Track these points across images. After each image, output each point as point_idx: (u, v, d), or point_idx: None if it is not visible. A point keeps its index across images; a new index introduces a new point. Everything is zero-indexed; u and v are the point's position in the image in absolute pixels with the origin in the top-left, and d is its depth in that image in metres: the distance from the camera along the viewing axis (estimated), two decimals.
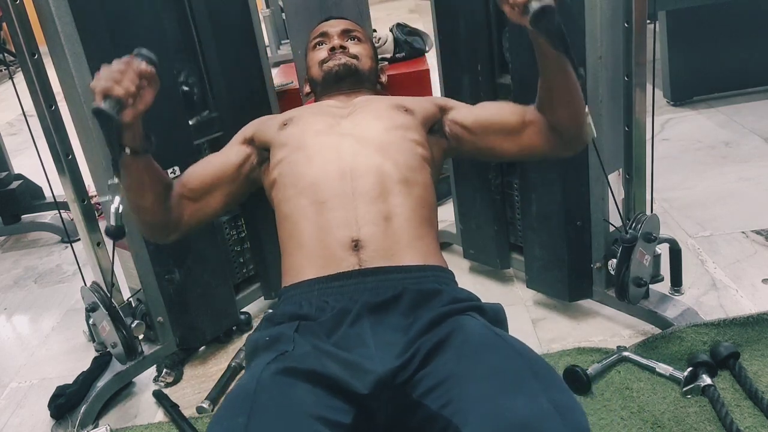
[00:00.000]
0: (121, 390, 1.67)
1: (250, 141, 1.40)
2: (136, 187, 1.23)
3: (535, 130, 1.29)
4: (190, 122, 1.68)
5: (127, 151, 1.16)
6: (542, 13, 1.02)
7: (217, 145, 1.64)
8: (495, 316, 1.13)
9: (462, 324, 1.05)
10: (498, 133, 1.34)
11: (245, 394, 0.97)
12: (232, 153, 1.39)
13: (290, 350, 1.04)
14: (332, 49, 1.47)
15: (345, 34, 1.51)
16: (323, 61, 1.47)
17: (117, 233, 1.21)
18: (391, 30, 2.31)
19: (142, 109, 1.13)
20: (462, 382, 0.95)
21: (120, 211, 1.20)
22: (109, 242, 1.59)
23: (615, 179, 1.55)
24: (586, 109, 1.22)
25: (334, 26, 1.53)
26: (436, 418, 0.96)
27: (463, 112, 1.39)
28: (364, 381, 1.00)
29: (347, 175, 1.22)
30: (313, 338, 1.07)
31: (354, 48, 1.49)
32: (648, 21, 1.46)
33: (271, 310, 1.20)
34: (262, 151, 1.38)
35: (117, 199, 1.20)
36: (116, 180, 1.20)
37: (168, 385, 1.68)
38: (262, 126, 1.40)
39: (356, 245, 1.15)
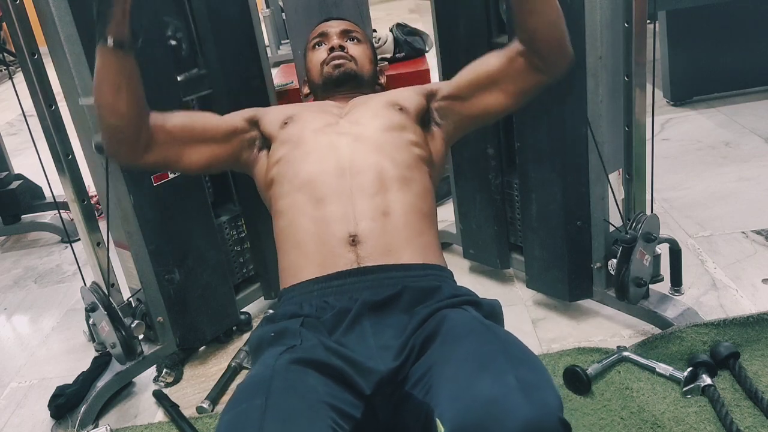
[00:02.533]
0: (121, 390, 1.67)
1: (254, 122, 1.38)
2: (111, 83, 1.16)
3: (524, 62, 1.25)
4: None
5: (110, 41, 1.12)
6: None
7: None
8: (491, 310, 1.14)
9: (449, 316, 1.05)
10: (486, 87, 1.30)
11: (260, 380, 0.97)
12: (228, 119, 1.37)
13: (298, 344, 1.05)
14: (331, 49, 1.47)
15: (344, 34, 1.51)
16: (323, 63, 1.47)
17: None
18: (391, 30, 2.31)
19: None
20: (440, 367, 0.97)
21: None
22: (110, 240, 1.60)
23: (615, 179, 1.55)
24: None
25: (334, 27, 1.53)
26: (421, 406, 0.97)
27: (445, 88, 1.37)
28: (367, 381, 1.01)
29: (345, 172, 1.22)
30: (317, 334, 1.08)
31: (353, 49, 1.49)
32: (648, 21, 1.46)
33: (271, 311, 1.20)
34: (264, 138, 1.37)
35: None
36: None
37: (168, 385, 1.68)
38: (268, 116, 1.39)
39: (354, 240, 1.15)
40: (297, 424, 0.89)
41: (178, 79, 1.64)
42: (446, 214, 2.06)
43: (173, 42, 1.66)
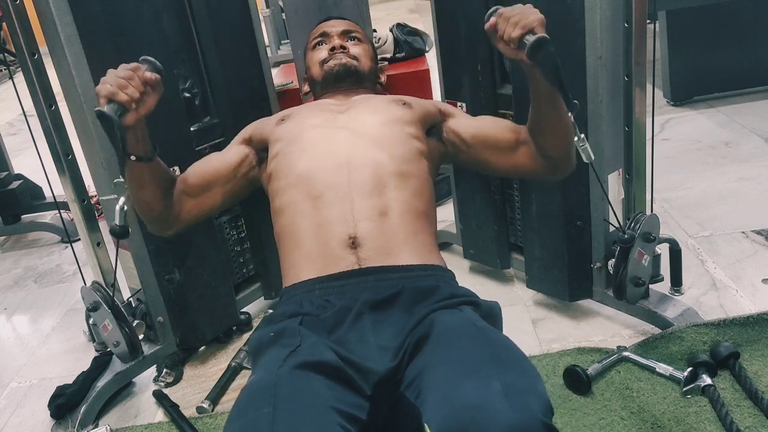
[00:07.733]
0: (121, 390, 1.67)
1: (248, 141, 1.41)
2: (138, 184, 1.24)
3: (527, 151, 1.30)
4: (192, 128, 1.68)
5: (133, 158, 1.18)
6: (539, 45, 1.03)
7: (219, 150, 1.63)
8: (489, 311, 1.14)
9: (442, 318, 1.06)
10: (493, 149, 1.35)
11: (265, 387, 0.97)
12: (230, 153, 1.40)
13: (299, 345, 1.05)
14: (332, 49, 1.48)
15: (345, 34, 1.52)
16: (323, 61, 1.48)
17: (121, 233, 1.22)
18: (391, 30, 2.32)
19: (144, 113, 1.14)
20: (429, 371, 0.97)
21: (125, 210, 1.21)
22: (110, 242, 1.60)
23: (615, 179, 1.55)
24: (583, 136, 1.20)
25: (334, 26, 1.53)
26: (413, 409, 0.97)
27: (462, 123, 1.39)
28: (367, 381, 1.01)
29: (343, 168, 1.23)
30: (316, 333, 1.08)
31: (354, 49, 1.49)
32: (648, 21, 1.46)
33: (271, 311, 1.20)
34: (261, 151, 1.39)
35: (122, 198, 1.21)
36: (122, 179, 1.21)
37: (168, 385, 1.68)
38: (260, 125, 1.41)
39: (353, 242, 1.16)
40: None
41: (191, 129, 1.67)
42: (446, 214, 2.06)
43: (187, 95, 1.69)
